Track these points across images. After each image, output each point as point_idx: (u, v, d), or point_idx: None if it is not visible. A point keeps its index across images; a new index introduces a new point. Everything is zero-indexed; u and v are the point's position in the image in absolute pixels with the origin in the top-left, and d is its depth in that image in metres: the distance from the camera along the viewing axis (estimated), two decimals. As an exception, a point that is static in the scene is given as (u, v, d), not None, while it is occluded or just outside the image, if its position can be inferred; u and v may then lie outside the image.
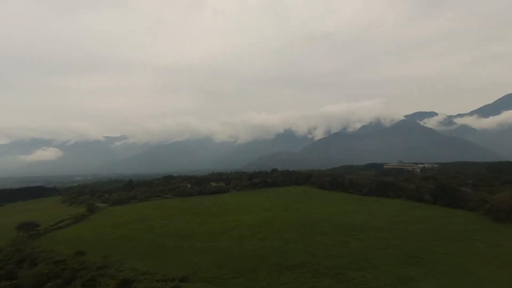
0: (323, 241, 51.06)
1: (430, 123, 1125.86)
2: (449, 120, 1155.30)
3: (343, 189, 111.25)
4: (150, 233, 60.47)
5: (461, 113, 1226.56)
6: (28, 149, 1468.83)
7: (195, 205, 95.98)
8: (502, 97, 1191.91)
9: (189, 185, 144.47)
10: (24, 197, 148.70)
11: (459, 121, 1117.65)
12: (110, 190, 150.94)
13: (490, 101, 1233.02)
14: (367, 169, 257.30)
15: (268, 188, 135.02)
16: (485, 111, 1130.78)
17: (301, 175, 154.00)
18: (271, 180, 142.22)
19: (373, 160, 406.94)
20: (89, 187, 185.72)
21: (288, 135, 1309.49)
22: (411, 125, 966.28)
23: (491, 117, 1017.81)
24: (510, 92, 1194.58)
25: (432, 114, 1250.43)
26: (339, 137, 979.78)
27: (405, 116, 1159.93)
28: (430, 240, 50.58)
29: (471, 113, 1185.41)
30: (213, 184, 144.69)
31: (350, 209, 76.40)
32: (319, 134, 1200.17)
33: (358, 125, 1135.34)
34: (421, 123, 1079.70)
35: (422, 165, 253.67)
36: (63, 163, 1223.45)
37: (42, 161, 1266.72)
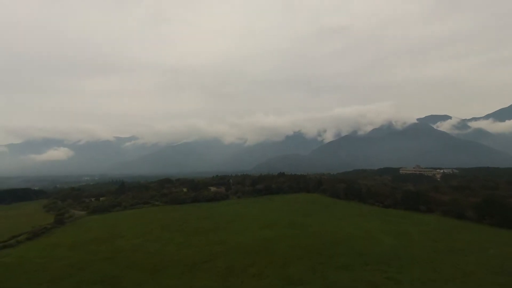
0: (343, 283, 35.45)
1: (444, 126, 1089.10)
2: (463, 123, 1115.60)
3: (360, 199, 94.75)
4: (110, 260, 45.71)
5: (476, 116, 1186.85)
6: (40, 148, 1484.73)
7: (183, 216, 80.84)
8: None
9: (185, 190, 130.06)
10: (6, 200, 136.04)
11: (474, 124, 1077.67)
12: (100, 194, 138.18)
13: (506, 105, 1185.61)
14: (381, 174, 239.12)
15: (274, 194, 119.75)
16: (501, 114, 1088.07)
17: (311, 180, 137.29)
18: (276, 186, 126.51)
19: (384, 164, 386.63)
20: (82, 189, 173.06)
21: (297, 138, 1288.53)
22: (424, 128, 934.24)
23: (507, 121, 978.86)
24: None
25: (446, 117, 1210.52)
26: (349, 140, 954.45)
27: (417, 119, 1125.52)
28: (498, 285, 34.42)
29: (486, 117, 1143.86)
30: (212, 189, 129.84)
31: (373, 227, 60.26)
32: (329, 137, 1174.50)
33: (369, 128, 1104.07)
34: (434, 126, 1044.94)
35: (442, 171, 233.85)
36: (73, 163, 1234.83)
37: (53, 160, 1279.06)
